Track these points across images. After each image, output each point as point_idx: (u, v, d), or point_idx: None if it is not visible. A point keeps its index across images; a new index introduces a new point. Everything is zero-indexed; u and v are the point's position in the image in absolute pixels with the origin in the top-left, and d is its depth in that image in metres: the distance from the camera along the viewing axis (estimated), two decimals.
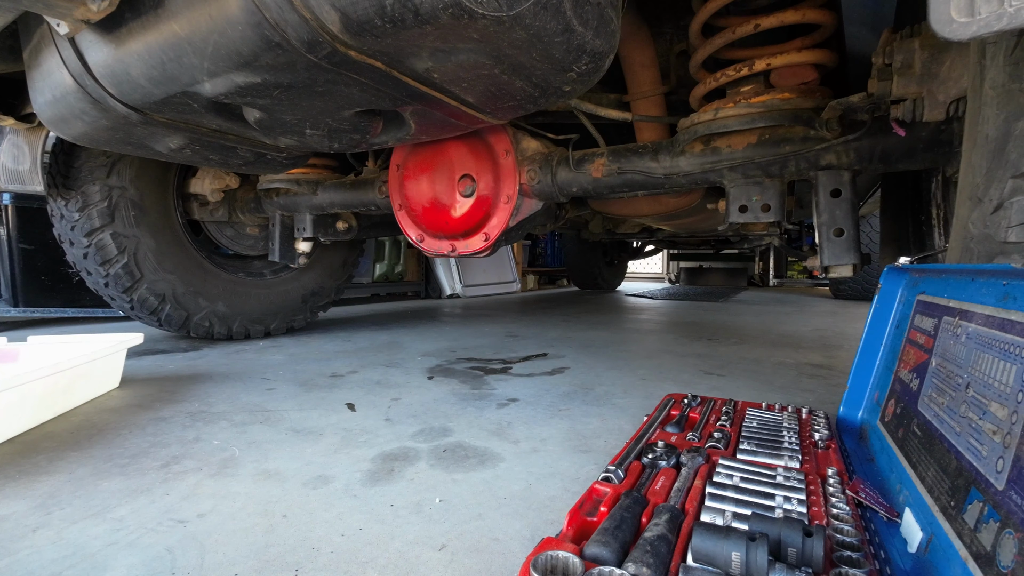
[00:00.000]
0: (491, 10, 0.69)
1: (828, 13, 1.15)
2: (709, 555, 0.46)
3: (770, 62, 1.20)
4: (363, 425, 1.00)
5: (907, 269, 0.84)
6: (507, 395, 1.22)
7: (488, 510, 0.67)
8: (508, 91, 0.99)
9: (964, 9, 0.49)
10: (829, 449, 0.75)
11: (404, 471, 0.79)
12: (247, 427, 0.98)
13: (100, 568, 0.55)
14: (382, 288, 4.25)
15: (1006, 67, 0.57)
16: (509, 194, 1.51)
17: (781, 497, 0.57)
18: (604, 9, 0.83)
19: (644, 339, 2.15)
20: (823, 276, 1.62)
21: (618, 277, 5.34)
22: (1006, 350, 0.45)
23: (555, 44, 0.81)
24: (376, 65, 0.83)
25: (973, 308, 0.56)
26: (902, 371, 0.74)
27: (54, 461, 0.82)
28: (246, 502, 0.69)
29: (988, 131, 0.60)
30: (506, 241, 1.65)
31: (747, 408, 0.94)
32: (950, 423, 0.53)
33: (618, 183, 1.42)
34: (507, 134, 1.50)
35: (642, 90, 1.48)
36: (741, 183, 1.29)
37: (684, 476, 0.62)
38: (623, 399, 1.19)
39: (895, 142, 1.11)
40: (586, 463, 0.82)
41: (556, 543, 0.48)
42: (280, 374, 1.41)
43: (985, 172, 0.60)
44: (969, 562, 0.40)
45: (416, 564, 0.55)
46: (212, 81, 0.84)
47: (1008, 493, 0.38)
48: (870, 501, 0.59)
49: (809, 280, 6.03)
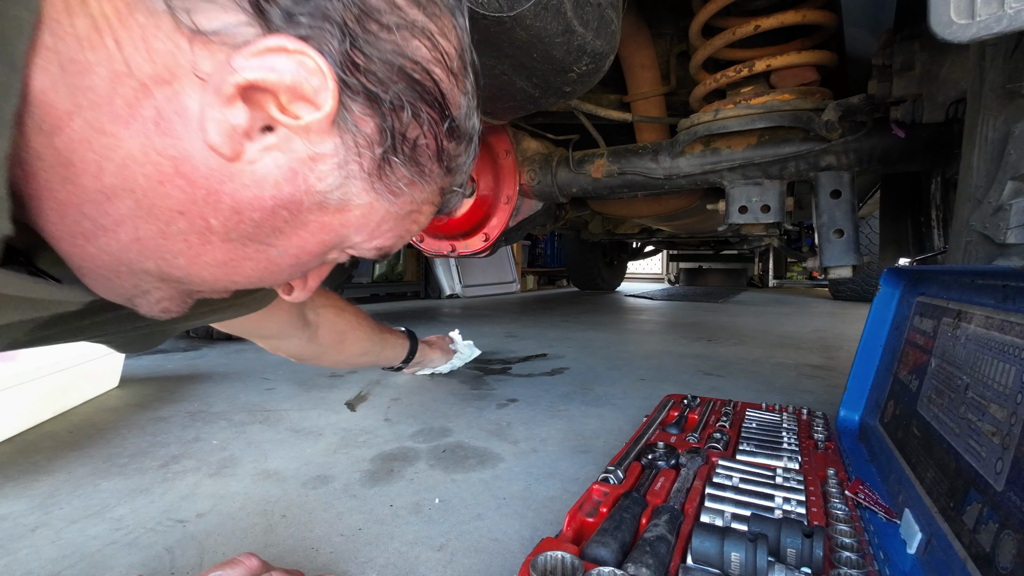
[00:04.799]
0: (492, 10, 0.69)
1: (828, 14, 1.15)
2: (708, 556, 0.46)
3: (770, 63, 1.20)
4: (362, 425, 1.00)
5: (906, 270, 0.84)
6: (506, 395, 1.22)
7: (487, 510, 0.67)
8: (508, 91, 0.99)
9: (964, 11, 0.49)
10: (828, 450, 0.75)
11: (403, 471, 0.79)
12: (246, 427, 0.98)
13: (99, 568, 0.55)
14: (382, 288, 4.24)
15: (1006, 69, 0.57)
16: (509, 194, 1.52)
17: (780, 498, 0.57)
18: (605, 10, 0.83)
19: (644, 339, 2.15)
20: (822, 277, 1.63)
21: (618, 278, 5.34)
22: (1005, 351, 0.46)
23: (556, 45, 0.81)
24: None
25: (972, 309, 0.56)
26: (901, 372, 0.75)
27: (53, 460, 0.82)
28: (245, 502, 0.69)
29: (987, 133, 0.60)
30: (506, 241, 1.65)
31: (746, 409, 0.94)
32: (949, 424, 0.53)
33: (618, 184, 1.42)
34: (507, 134, 1.51)
35: (642, 91, 1.48)
36: (741, 184, 1.29)
37: (683, 477, 0.62)
38: (622, 399, 1.19)
39: (895, 143, 1.11)
40: (585, 463, 0.82)
41: (555, 543, 0.48)
42: (279, 374, 1.41)
43: (985, 174, 0.60)
44: (968, 563, 0.40)
45: (415, 564, 0.55)
46: None
47: (1007, 494, 0.39)
48: (869, 502, 0.59)
49: (808, 281, 6.04)
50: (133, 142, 0.30)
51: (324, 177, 0.34)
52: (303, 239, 0.37)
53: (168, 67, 0.29)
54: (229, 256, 0.36)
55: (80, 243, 0.34)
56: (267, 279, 0.40)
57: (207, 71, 0.29)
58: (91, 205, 0.32)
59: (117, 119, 0.30)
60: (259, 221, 0.35)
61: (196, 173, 0.32)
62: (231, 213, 0.33)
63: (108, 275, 0.36)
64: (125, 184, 0.31)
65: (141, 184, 0.31)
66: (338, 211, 0.37)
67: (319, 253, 0.39)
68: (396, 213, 0.39)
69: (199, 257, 0.35)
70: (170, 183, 0.32)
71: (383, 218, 0.39)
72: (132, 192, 0.31)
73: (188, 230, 0.34)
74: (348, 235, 0.39)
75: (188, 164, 0.31)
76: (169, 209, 0.32)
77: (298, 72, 0.30)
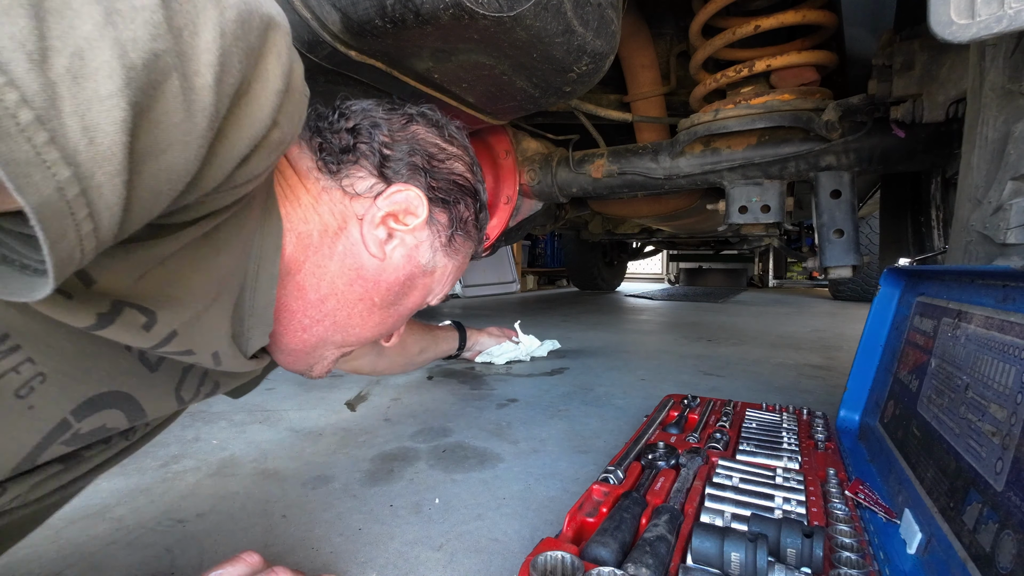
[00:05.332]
0: (492, 11, 0.69)
1: (828, 14, 1.15)
2: (708, 556, 0.46)
3: (770, 63, 1.20)
4: (362, 425, 1.00)
5: (906, 270, 0.84)
6: (506, 395, 1.22)
7: (487, 510, 0.67)
8: (508, 91, 0.99)
9: (964, 11, 0.49)
10: (828, 450, 0.75)
11: (403, 471, 0.79)
12: (246, 427, 0.98)
13: (99, 568, 0.55)
14: None
15: (1006, 69, 0.57)
16: (509, 194, 1.51)
17: (780, 498, 0.57)
18: (605, 10, 0.83)
19: (643, 339, 2.15)
20: (822, 277, 1.63)
21: (618, 278, 5.34)
22: (1005, 351, 0.46)
23: (556, 45, 0.81)
24: (377, 65, 0.83)
25: (972, 309, 0.56)
26: (901, 372, 0.75)
27: None
28: (245, 502, 0.69)
29: (987, 133, 0.60)
30: (506, 241, 1.65)
31: (746, 409, 0.94)
32: (949, 424, 0.53)
33: (618, 184, 1.42)
34: (507, 134, 1.50)
35: (642, 91, 1.48)
36: (741, 184, 1.29)
37: (683, 477, 0.62)
38: (622, 399, 1.19)
39: (895, 143, 1.11)
40: (585, 463, 0.82)
41: (555, 543, 0.48)
42: (279, 374, 1.41)
43: (984, 174, 0.60)
44: (968, 563, 0.40)
45: (415, 564, 0.55)
46: None
47: (1007, 494, 0.39)
48: (869, 502, 0.59)
49: (808, 281, 6.04)
50: (335, 266, 0.52)
51: (424, 254, 0.57)
52: (415, 297, 0.60)
53: (344, 217, 0.52)
54: (381, 319, 0.58)
55: (299, 334, 0.54)
56: (395, 328, 0.63)
57: (361, 213, 0.52)
58: (312, 307, 0.53)
59: (326, 256, 0.51)
60: (397, 291, 0.57)
61: (368, 272, 0.54)
62: (385, 291, 0.56)
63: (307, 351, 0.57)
64: (332, 291, 0.53)
65: (341, 288, 0.53)
66: (431, 274, 0.60)
67: (420, 304, 0.63)
68: (457, 267, 0.63)
69: (367, 324, 0.57)
70: (355, 283, 0.53)
71: (451, 272, 0.63)
72: (335, 295, 0.53)
73: (362, 309, 0.55)
74: (434, 288, 0.63)
75: (363, 269, 0.53)
76: (354, 298, 0.54)
77: (408, 200, 0.52)
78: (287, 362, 0.59)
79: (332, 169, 0.51)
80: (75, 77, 0.20)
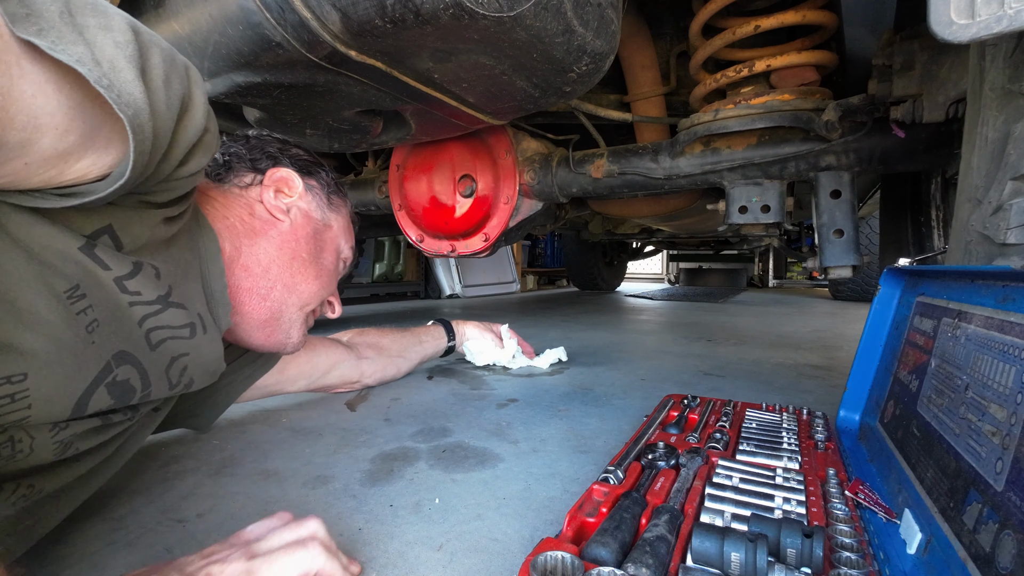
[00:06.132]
0: (492, 10, 0.69)
1: (828, 14, 1.15)
2: (708, 556, 0.46)
3: (770, 63, 1.20)
4: (362, 425, 1.00)
5: (906, 271, 0.84)
6: (506, 395, 1.22)
7: (487, 510, 0.67)
8: (508, 91, 0.99)
9: (964, 11, 0.49)
10: (828, 450, 0.75)
11: (403, 471, 0.79)
12: (246, 427, 0.98)
13: (99, 568, 0.55)
14: (381, 288, 4.24)
15: (1006, 69, 0.57)
16: (509, 194, 1.51)
17: (780, 498, 0.57)
18: (605, 10, 0.83)
19: (643, 339, 2.15)
20: (822, 277, 1.63)
21: (618, 278, 5.34)
22: (1005, 352, 0.46)
23: (556, 45, 0.81)
24: (377, 65, 0.83)
25: (972, 310, 0.56)
26: (901, 372, 0.75)
27: None
28: (245, 502, 0.69)
29: (987, 133, 0.60)
30: (506, 241, 1.65)
31: (746, 409, 0.94)
32: (949, 424, 0.53)
33: (618, 184, 1.42)
34: (507, 134, 1.50)
35: (642, 91, 1.48)
36: (741, 184, 1.29)
37: (683, 477, 0.62)
38: (622, 399, 1.19)
39: (895, 143, 1.11)
40: (585, 463, 0.82)
41: (555, 543, 0.48)
42: None
43: (984, 174, 0.60)
44: (968, 563, 0.40)
45: (415, 564, 0.55)
46: (212, 81, 0.84)
47: (1007, 494, 0.39)
48: (869, 502, 0.59)
49: (808, 281, 6.04)
50: (263, 241, 0.73)
51: (316, 213, 0.81)
52: (329, 251, 0.82)
53: (249, 204, 0.74)
54: (316, 272, 0.79)
55: (262, 303, 0.74)
56: (330, 285, 0.83)
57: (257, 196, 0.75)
58: (262, 279, 0.73)
59: (256, 240, 0.73)
60: (314, 244, 0.79)
61: (285, 235, 0.76)
62: (305, 244, 0.78)
63: (275, 317, 0.76)
64: (270, 260, 0.74)
65: (274, 255, 0.74)
66: (330, 227, 0.83)
67: (337, 261, 0.83)
68: (345, 223, 0.87)
69: (308, 276, 0.78)
70: (283, 247, 0.75)
71: (344, 227, 0.86)
72: (274, 262, 0.74)
73: (299, 265, 0.77)
74: (340, 243, 0.85)
75: (282, 234, 0.75)
76: (287, 258, 0.76)
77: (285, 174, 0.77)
78: (264, 338, 0.76)
79: (223, 178, 0.74)
80: (115, 68, 0.36)
